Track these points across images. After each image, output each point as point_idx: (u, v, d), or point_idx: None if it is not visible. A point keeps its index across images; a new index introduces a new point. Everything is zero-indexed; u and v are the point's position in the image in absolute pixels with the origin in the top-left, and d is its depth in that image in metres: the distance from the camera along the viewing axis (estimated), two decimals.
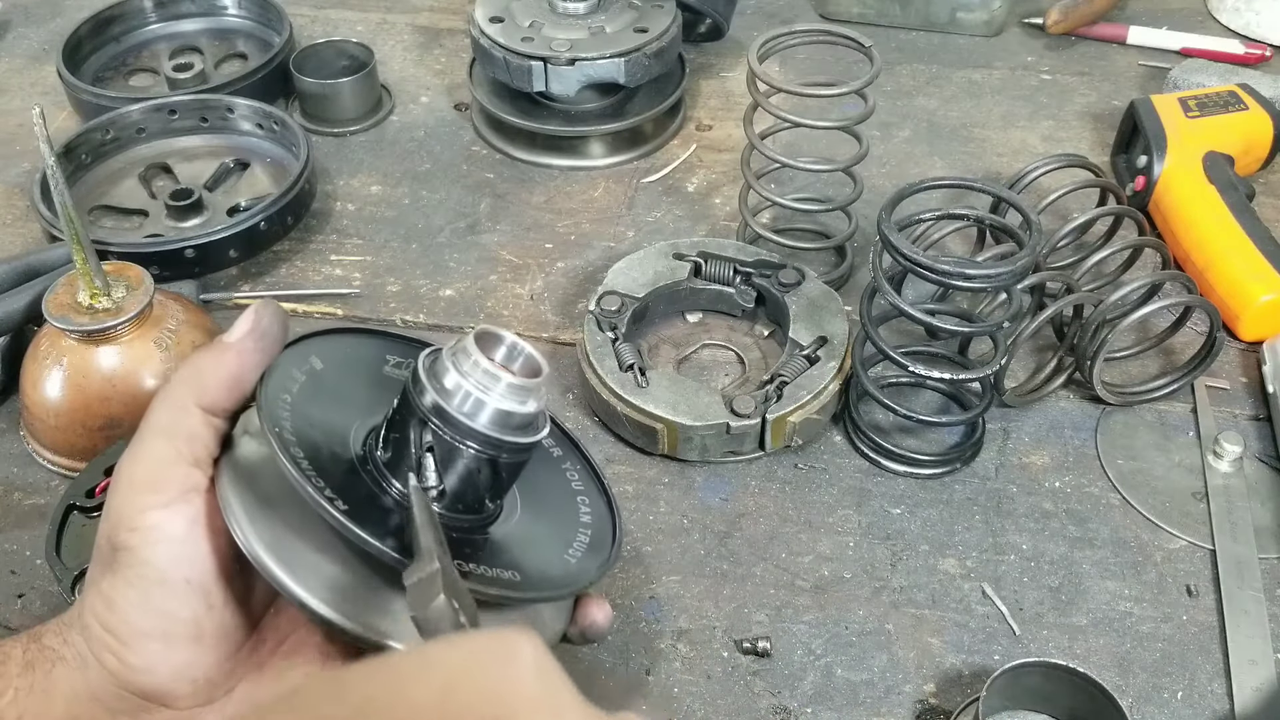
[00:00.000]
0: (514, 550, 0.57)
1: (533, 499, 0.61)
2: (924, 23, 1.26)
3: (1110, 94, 1.18)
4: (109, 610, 0.52)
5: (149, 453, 0.53)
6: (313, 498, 0.50)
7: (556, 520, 0.62)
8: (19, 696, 0.52)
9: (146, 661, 0.52)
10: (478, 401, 0.53)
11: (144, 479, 0.53)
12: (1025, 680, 0.66)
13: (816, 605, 0.75)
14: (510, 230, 1.03)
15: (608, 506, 0.65)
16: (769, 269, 0.91)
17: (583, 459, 0.67)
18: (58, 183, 0.74)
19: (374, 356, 0.62)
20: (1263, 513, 0.80)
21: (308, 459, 0.52)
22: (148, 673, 0.52)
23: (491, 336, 0.55)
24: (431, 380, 0.54)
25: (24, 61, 1.26)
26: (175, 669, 0.52)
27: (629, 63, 1.05)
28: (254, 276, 0.99)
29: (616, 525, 0.63)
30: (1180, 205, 0.97)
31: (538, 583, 0.56)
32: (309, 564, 0.52)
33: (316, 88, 1.13)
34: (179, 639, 0.52)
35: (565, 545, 0.60)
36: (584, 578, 0.59)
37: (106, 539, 0.53)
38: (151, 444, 0.53)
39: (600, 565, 0.60)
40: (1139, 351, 0.90)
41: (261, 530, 0.52)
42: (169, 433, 0.53)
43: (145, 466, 0.53)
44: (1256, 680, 0.70)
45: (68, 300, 0.79)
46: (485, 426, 0.54)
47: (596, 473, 0.66)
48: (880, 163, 1.09)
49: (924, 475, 0.82)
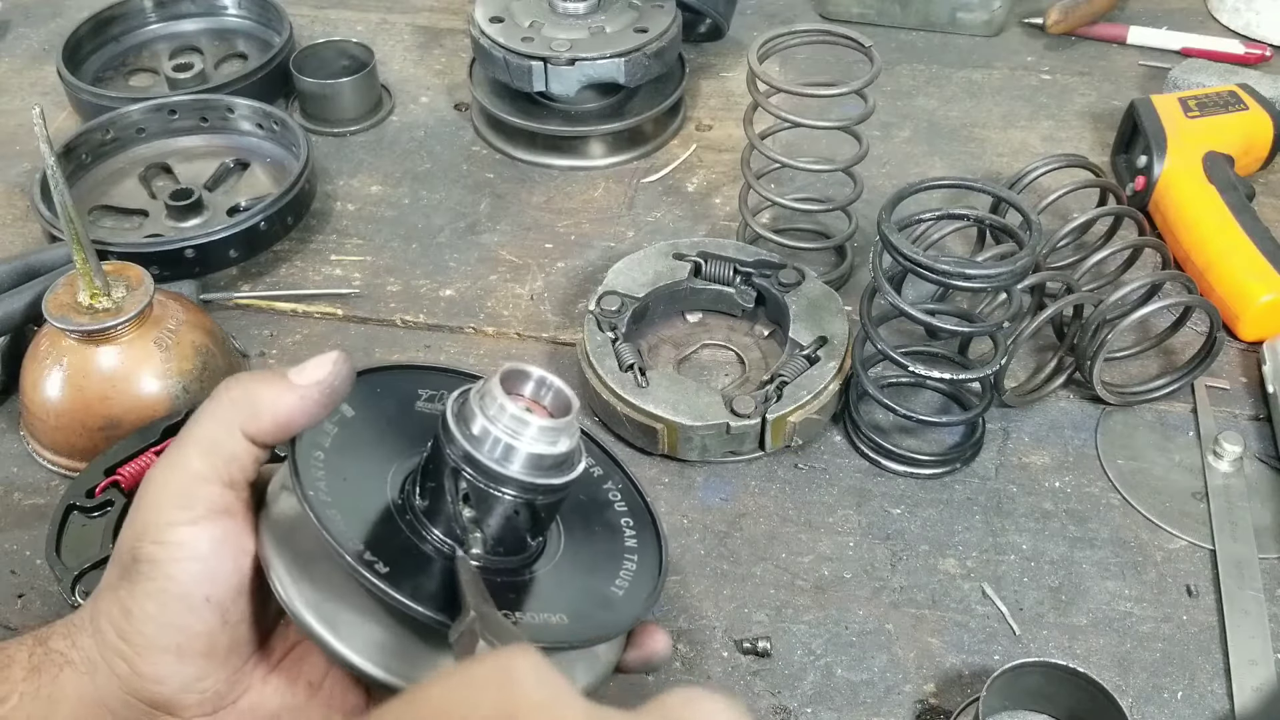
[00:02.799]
0: (559, 589, 0.56)
1: (576, 526, 0.60)
2: (924, 23, 1.26)
3: (1110, 94, 1.18)
4: (125, 619, 0.52)
5: (185, 466, 0.52)
6: (351, 566, 0.50)
7: (601, 549, 0.60)
8: (23, 701, 0.52)
9: (158, 672, 0.52)
10: (508, 447, 0.52)
11: (176, 492, 0.52)
12: (1025, 680, 0.66)
13: (816, 605, 0.75)
14: (510, 230, 1.03)
15: (653, 526, 0.63)
16: (769, 269, 0.91)
17: (624, 477, 0.65)
18: (58, 183, 0.74)
19: (405, 392, 0.61)
20: (1263, 513, 0.80)
21: (345, 517, 0.52)
22: (158, 683, 0.52)
23: (518, 374, 0.54)
24: (460, 427, 0.52)
25: (24, 61, 1.26)
26: (185, 681, 0.52)
27: (629, 63, 1.05)
28: (254, 276, 0.99)
29: (663, 551, 0.61)
30: (1180, 205, 0.97)
31: (585, 624, 0.55)
32: (353, 623, 0.52)
33: (316, 88, 1.13)
34: (192, 653, 0.52)
35: (611, 576, 0.59)
36: (631, 613, 0.57)
37: (129, 546, 0.52)
38: (189, 457, 0.53)
39: (647, 598, 0.58)
40: (1139, 351, 0.90)
41: (305, 591, 0.52)
42: (209, 450, 0.53)
43: (179, 479, 0.52)
44: (1256, 680, 0.70)
45: (68, 300, 0.79)
46: (518, 472, 0.52)
47: (639, 491, 0.64)
48: (880, 163, 1.09)
49: (924, 475, 0.82)
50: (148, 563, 0.51)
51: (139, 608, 0.51)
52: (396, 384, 0.61)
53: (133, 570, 0.52)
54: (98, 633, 0.52)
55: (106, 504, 0.75)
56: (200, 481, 0.52)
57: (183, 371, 0.82)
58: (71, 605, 0.70)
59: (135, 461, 0.77)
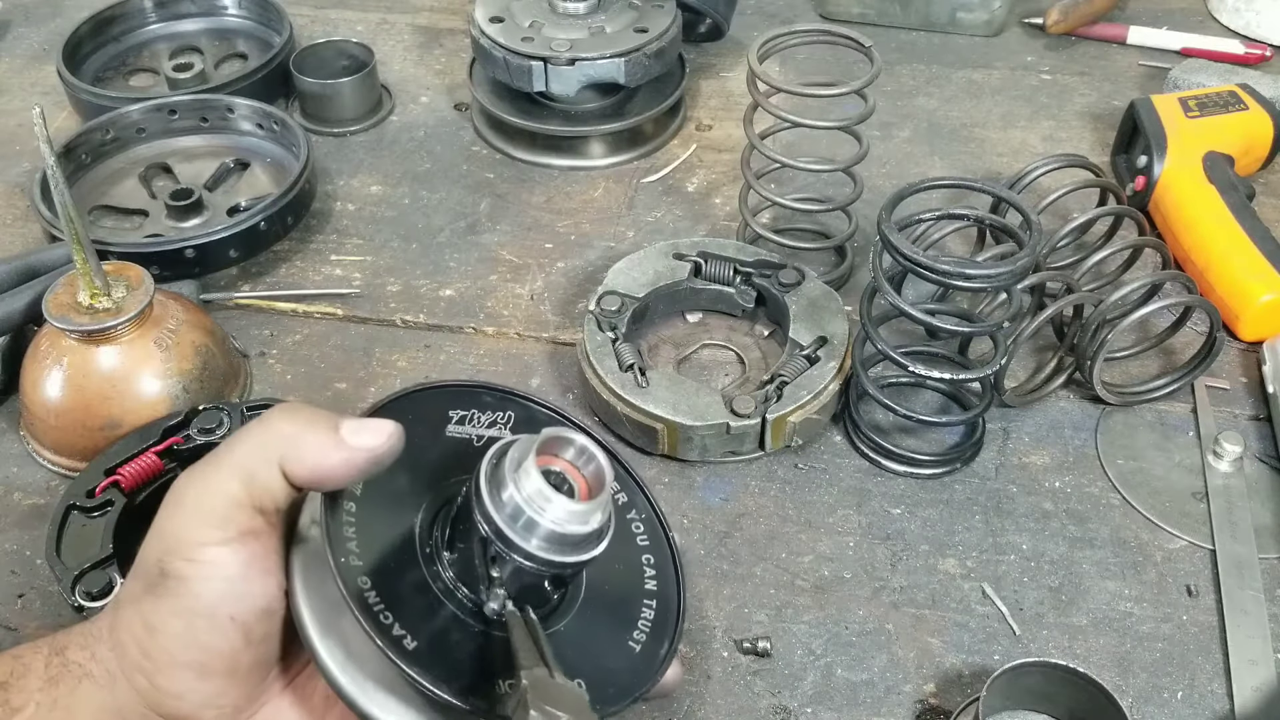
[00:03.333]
0: (578, 649, 0.57)
1: (597, 569, 0.59)
2: (924, 23, 1.26)
3: (1110, 94, 1.18)
4: (148, 635, 0.51)
5: (221, 487, 0.52)
6: (383, 651, 0.50)
7: (621, 596, 0.60)
8: (39, 711, 0.51)
9: (179, 688, 0.52)
10: (533, 524, 0.51)
11: (210, 511, 0.52)
12: (1025, 680, 0.66)
13: (816, 605, 0.75)
14: (510, 230, 1.03)
15: (673, 563, 0.63)
16: (769, 269, 0.91)
17: (647, 503, 0.64)
18: (58, 183, 0.74)
19: (435, 416, 0.60)
20: (1263, 513, 0.80)
21: (373, 579, 0.52)
22: (178, 698, 0.52)
23: (560, 441, 0.53)
24: (491, 494, 0.52)
25: (24, 61, 1.26)
26: (206, 698, 0.52)
27: (629, 63, 1.05)
28: (254, 276, 0.99)
29: (681, 601, 0.61)
30: (1180, 205, 0.97)
31: (602, 689, 0.55)
32: (385, 697, 0.52)
33: (316, 88, 1.13)
34: (214, 671, 0.52)
35: (629, 627, 0.59)
36: (647, 675, 0.57)
37: (157, 560, 0.52)
38: (227, 479, 0.52)
39: (663, 657, 0.58)
40: (1139, 351, 0.90)
41: (334, 648, 0.52)
42: (247, 476, 0.52)
43: (214, 500, 0.52)
44: (1256, 680, 0.70)
45: (68, 300, 0.79)
46: (546, 551, 0.52)
47: (661, 521, 0.64)
48: (880, 163, 1.09)
49: (924, 475, 0.82)
50: (176, 579, 0.51)
51: (163, 624, 0.51)
52: (427, 406, 0.60)
53: (159, 585, 0.51)
54: (118, 646, 0.52)
55: (106, 504, 0.75)
56: (235, 505, 0.52)
57: (183, 371, 0.82)
58: (72, 605, 0.70)
59: (135, 461, 0.77)
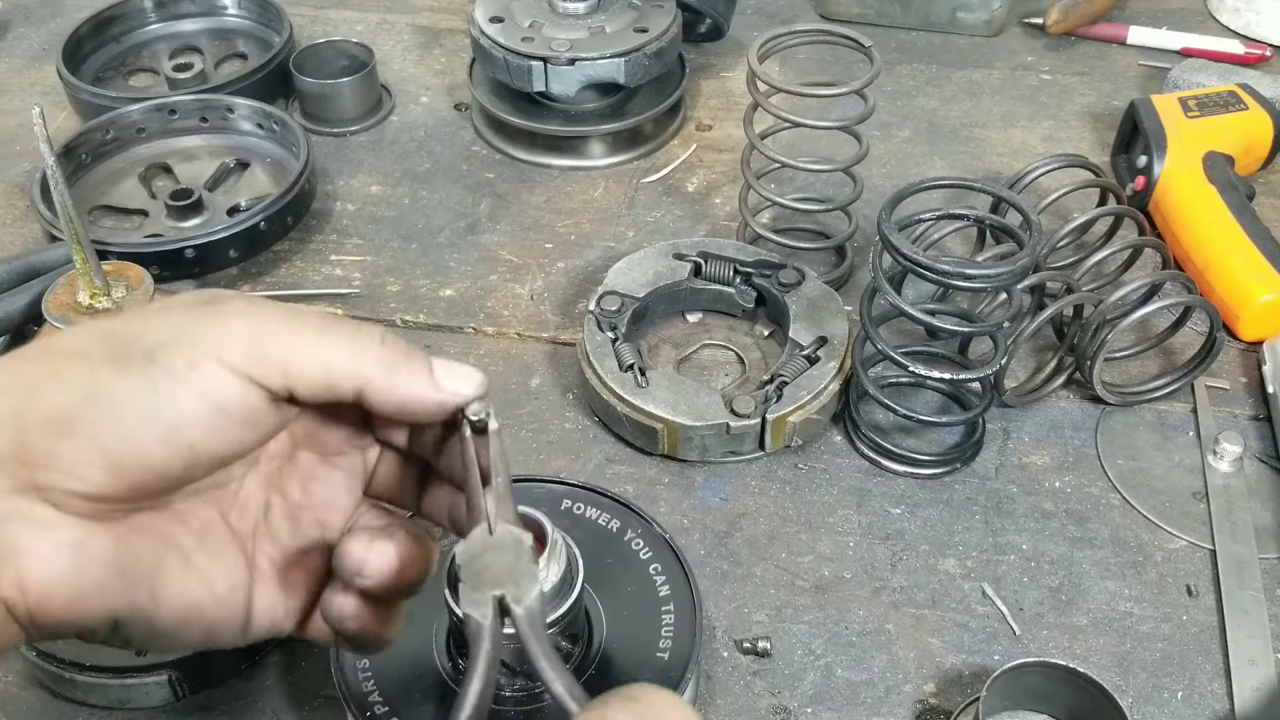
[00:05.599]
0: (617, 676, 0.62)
1: (609, 594, 0.65)
2: (924, 23, 1.26)
3: (1110, 94, 1.18)
4: (66, 394, 0.44)
5: (277, 347, 0.46)
6: None
7: (638, 613, 0.65)
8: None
9: (67, 464, 0.44)
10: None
11: (248, 342, 0.46)
12: (1025, 680, 0.66)
13: (816, 605, 0.75)
14: (510, 230, 1.03)
15: (682, 571, 0.68)
16: (769, 269, 0.91)
17: (640, 519, 0.70)
18: (58, 183, 0.74)
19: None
20: (1263, 513, 0.80)
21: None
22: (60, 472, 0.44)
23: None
24: (452, 595, 0.55)
25: (24, 61, 1.26)
26: (92, 481, 0.44)
27: (629, 63, 1.05)
28: (254, 276, 0.99)
29: (695, 598, 0.66)
30: (1180, 205, 0.97)
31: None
32: None
33: (316, 88, 1.13)
34: (125, 469, 0.45)
35: (655, 638, 0.64)
36: (679, 675, 0.62)
37: (150, 342, 0.45)
38: (290, 349, 0.46)
39: (689, 663, 0.63)
40: (1139, 351, 0.90)
41: None
42: (320, 366, 0.47)
43: (263, 347, 0.46)
44: (1256, 680, 0.70)
45: (68, 300, 0.79)
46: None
47: (660, 530, 0.70)
48: (880, 163, 1.09)
49: (924, 475, 0.82)
50: (164, 372, 0.45)
51: (113, 399, 0.44)
52: None
53: (132, 365, 0.45)
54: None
55: None
56: (279, 370, 0.46)
57: None
58: None
59: None
